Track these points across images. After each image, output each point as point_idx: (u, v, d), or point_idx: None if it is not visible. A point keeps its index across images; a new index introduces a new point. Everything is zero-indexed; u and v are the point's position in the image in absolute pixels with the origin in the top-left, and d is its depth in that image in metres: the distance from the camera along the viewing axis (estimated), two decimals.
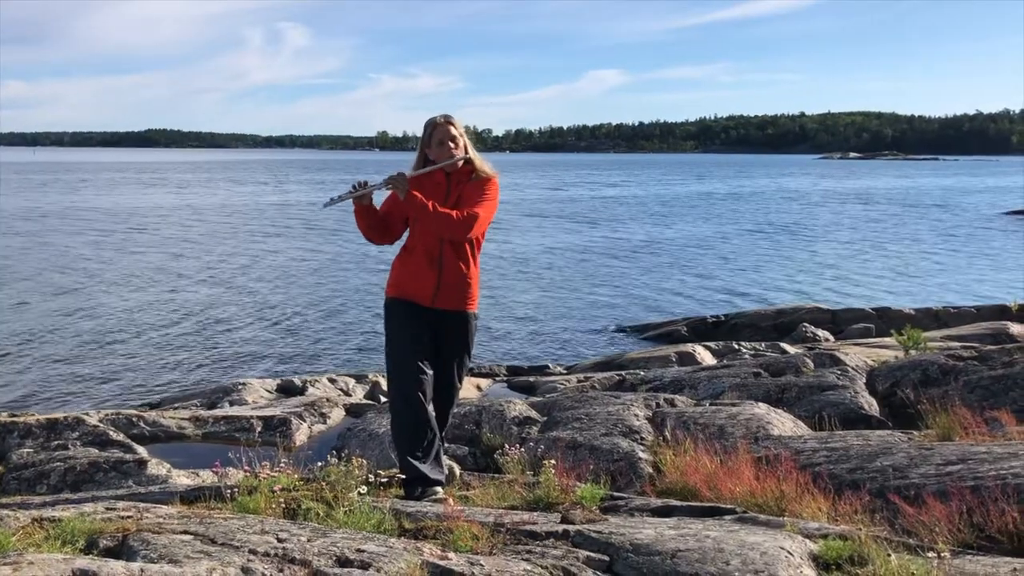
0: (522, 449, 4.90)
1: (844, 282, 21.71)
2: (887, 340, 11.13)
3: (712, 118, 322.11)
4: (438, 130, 4.03)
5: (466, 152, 4.05)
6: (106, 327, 15.42)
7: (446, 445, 4.51)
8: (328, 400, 8.01)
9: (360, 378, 10.50)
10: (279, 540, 2.76)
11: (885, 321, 14.51)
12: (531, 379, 10.47)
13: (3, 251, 25.59)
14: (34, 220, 36.87)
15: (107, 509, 3.27)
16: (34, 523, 2.98)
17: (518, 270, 23.35)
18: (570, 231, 34.77)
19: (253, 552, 2.61)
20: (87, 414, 7.60)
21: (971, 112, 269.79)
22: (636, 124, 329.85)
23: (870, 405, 6.59)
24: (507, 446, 4.98)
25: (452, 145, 4.01)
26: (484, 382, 10.52)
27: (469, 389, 9.31)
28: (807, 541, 3.11)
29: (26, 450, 6.30)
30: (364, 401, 8.85)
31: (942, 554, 2.93)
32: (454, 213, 3.89)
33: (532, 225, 36.95)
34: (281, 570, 2.49)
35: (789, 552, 2.89)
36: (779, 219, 40.89)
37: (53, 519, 3.00)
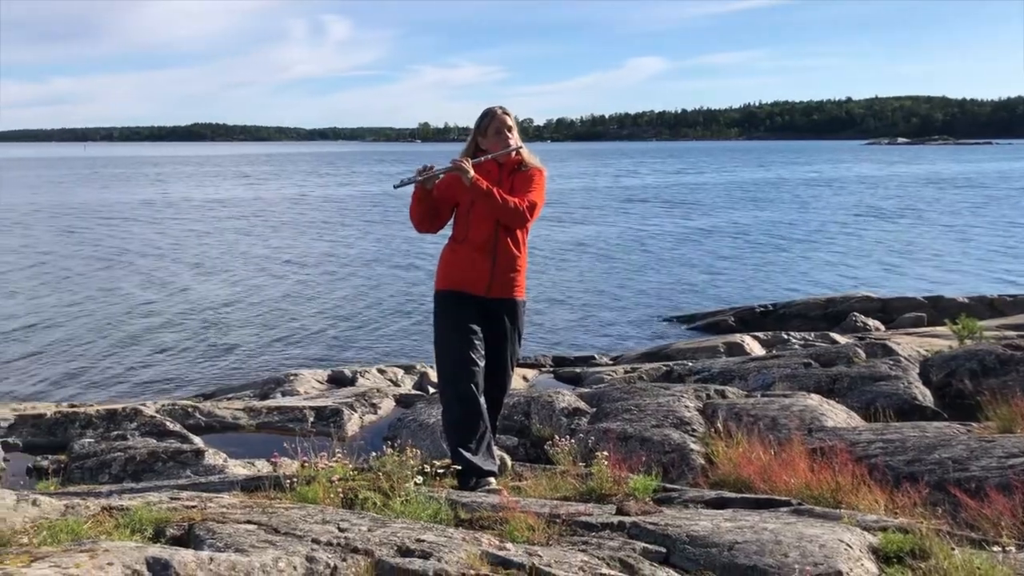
0: (572, 440, 4.91)
1: (899, 270, 21.21)
2: (940, 329, 10.92)
3: (756, 104, 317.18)
4: (496, 120, 4.12)
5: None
6: (159, 319, 15.74)
7: (496, 436, 4.53)
8: (378, 391, 8.11)
9: (409, 369, 10.61)
10: (340, 530, 2.80)
11: (938, 310, 14.19)
12: (577, 370, 10.46)
13: (71, 245, 26.26)
14: (122, 210, 38.25)
15: (171, 499, 3.34)
16: (104, 511, 3.07)
17: (565, 258, 23.30)
18: (622, 218, 34.55)
19: (316, 541, 2.66)
20: (144, 405, 7.81)
21: None
22: (679, 111, 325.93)
23: (924, 396, 6.48)
24: (557, 437, 5.00)
25: (508, 135, 4.09)
26: (531, 372, 10.54)
27: (516, 380, 9.34)
28: (866, 534, 3.07)
29: (87, 440, 6.49)
30: (413, 392, 8.94)
31: (1007, 548, 2.88)
32: (515, 200, 3.94)
33: (583, 213, 36.72)
34: (344, 559, 2.53)
35: (848, 544, 2.87)
36: (861, 203, 40.21)
37: (121, 508, 3.09)
